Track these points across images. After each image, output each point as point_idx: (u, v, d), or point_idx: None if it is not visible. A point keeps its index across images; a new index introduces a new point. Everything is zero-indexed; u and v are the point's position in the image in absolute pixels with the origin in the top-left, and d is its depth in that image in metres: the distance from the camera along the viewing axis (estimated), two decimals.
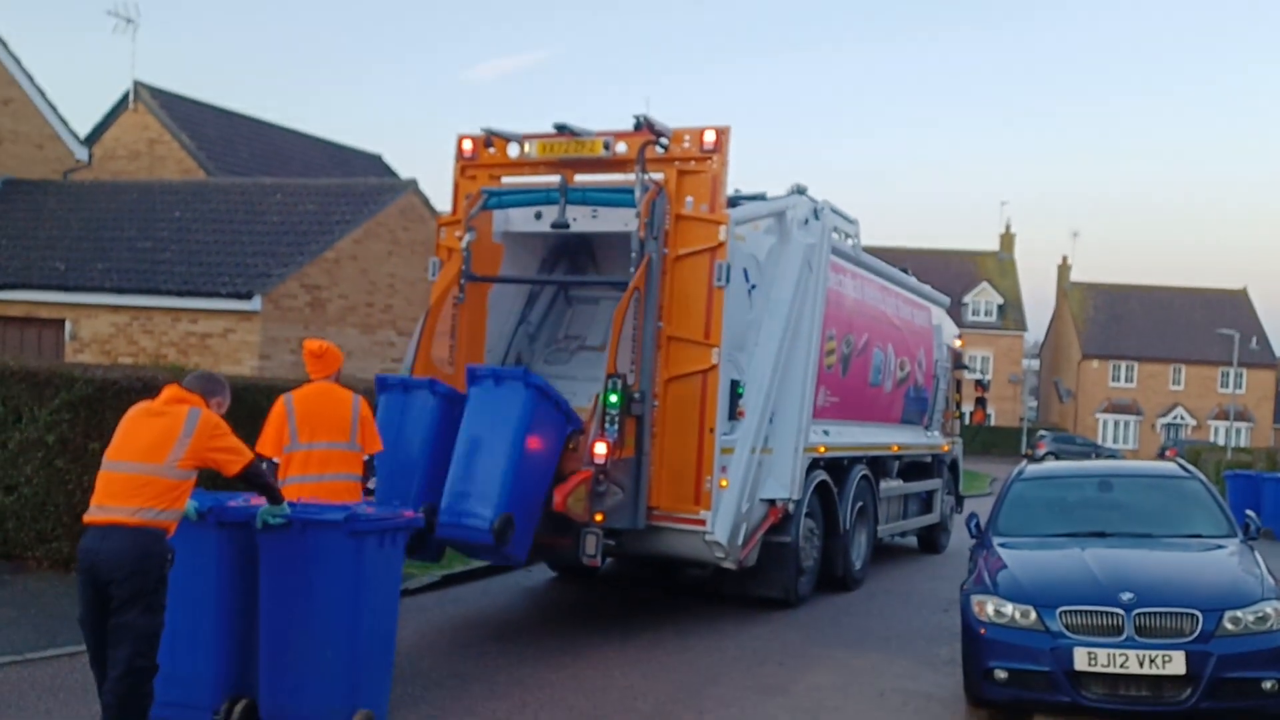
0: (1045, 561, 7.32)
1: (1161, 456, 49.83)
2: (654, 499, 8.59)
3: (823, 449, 10.48)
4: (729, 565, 8.99)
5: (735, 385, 8.99)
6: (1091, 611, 6.49)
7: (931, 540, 15.23)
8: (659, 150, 8.92)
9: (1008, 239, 67.78)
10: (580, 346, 10.06)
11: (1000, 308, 63.25)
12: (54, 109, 19.58)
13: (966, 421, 17.25)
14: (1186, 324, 63.38)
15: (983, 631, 6.77)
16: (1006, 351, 63.07)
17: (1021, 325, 64.11)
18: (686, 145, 8.89)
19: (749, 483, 9.03)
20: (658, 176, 8.80)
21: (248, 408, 10.30)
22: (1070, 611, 6.53)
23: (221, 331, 14.95)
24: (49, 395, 9.28)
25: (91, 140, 22.59)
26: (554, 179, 9.25)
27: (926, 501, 14.56)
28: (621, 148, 9.01)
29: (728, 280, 8.72)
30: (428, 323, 9.11)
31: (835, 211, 10.82)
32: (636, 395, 8.31)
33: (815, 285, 10.11)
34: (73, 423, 9.17)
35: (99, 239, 16.88)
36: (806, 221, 10.20)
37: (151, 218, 17.28)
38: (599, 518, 7.93)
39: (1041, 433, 55.06)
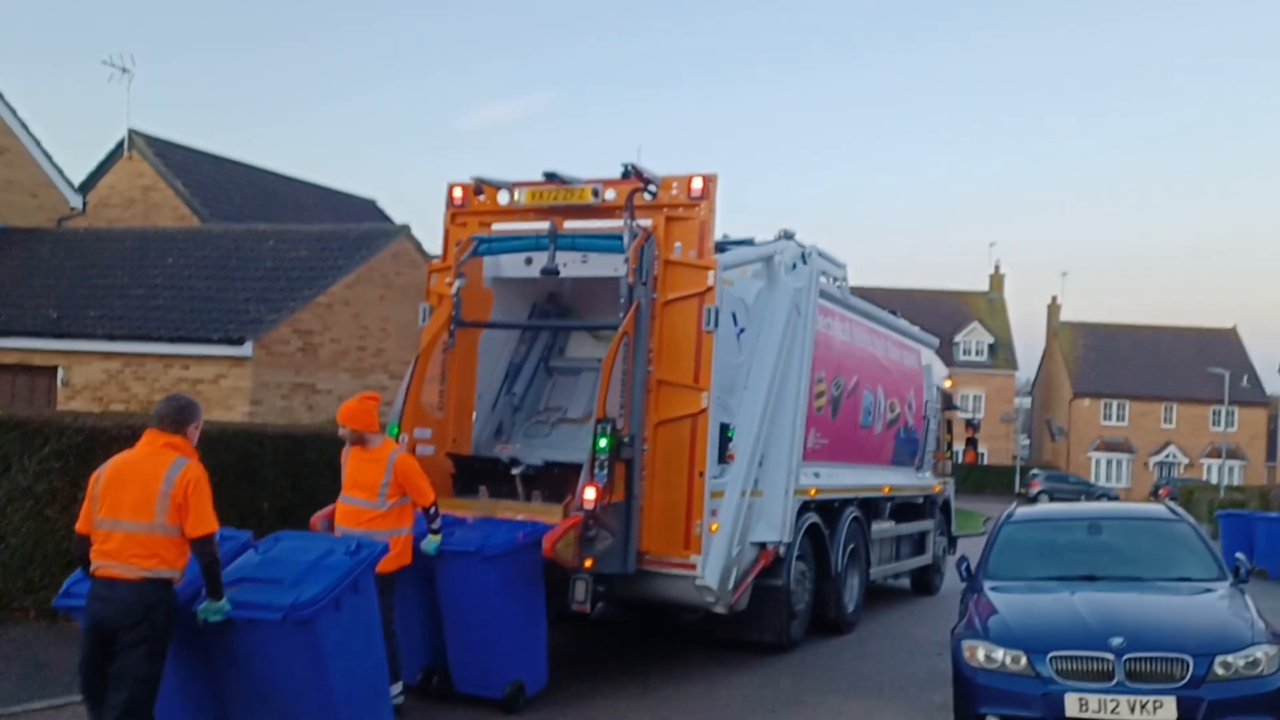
0: (1035, 606, 7.32)
1: (1155, 495, 49.83)
2: (644, 543, 8.58)
3: (813, 491, 10.49)
4: (720, 610, 8.96)
5: (725, 429, 9.01)
6: (1082, 657, 6.48)
7: (925, 581, 15.19)
8: (647, 197, 9.03)
9: (997, 279, 68.25)
10: (561, 419, 10.07)
11: (991, 347, 63.53)
12: (48, 157, 19.70)
13: (958, 461, 17.27)
14: (1177, 362, 63.66)
15: (974, 677, 6.76)
16: (998, 391, 63.24)
17: (1012, 364, 64.36)
18: (675, 192, 9.00)
19: (739, 526, 9.03)
20: (646, 223, 8.90)
21: (237, 454, 10.34)
22: (1061, 657, 6.52)
23: (213, 377, 14.96)
24: (38, 444, 9.27)
25: (86, 188, 22.71)
26: (544, 225, 9.33)
27: (919, 543, 14.54)
28: (610, 195, 9.12)
29: (716, 325, 8.78)
30: (417, 369, 9.14)
31: (823, 255, 10.92)
32: (626, 439, 8.33)
33: (804, 328, 10.18)
34: (62, 471, 9.15)
35: (92, 286, 16.93)
36: (794, 266, 10.29)
37: (145, 264, 17.34)
38: (588, 563, 7.91)
39: (1035, 471, 55.08)
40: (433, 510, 7.29)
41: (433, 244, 19.03)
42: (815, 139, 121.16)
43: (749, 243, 10.45)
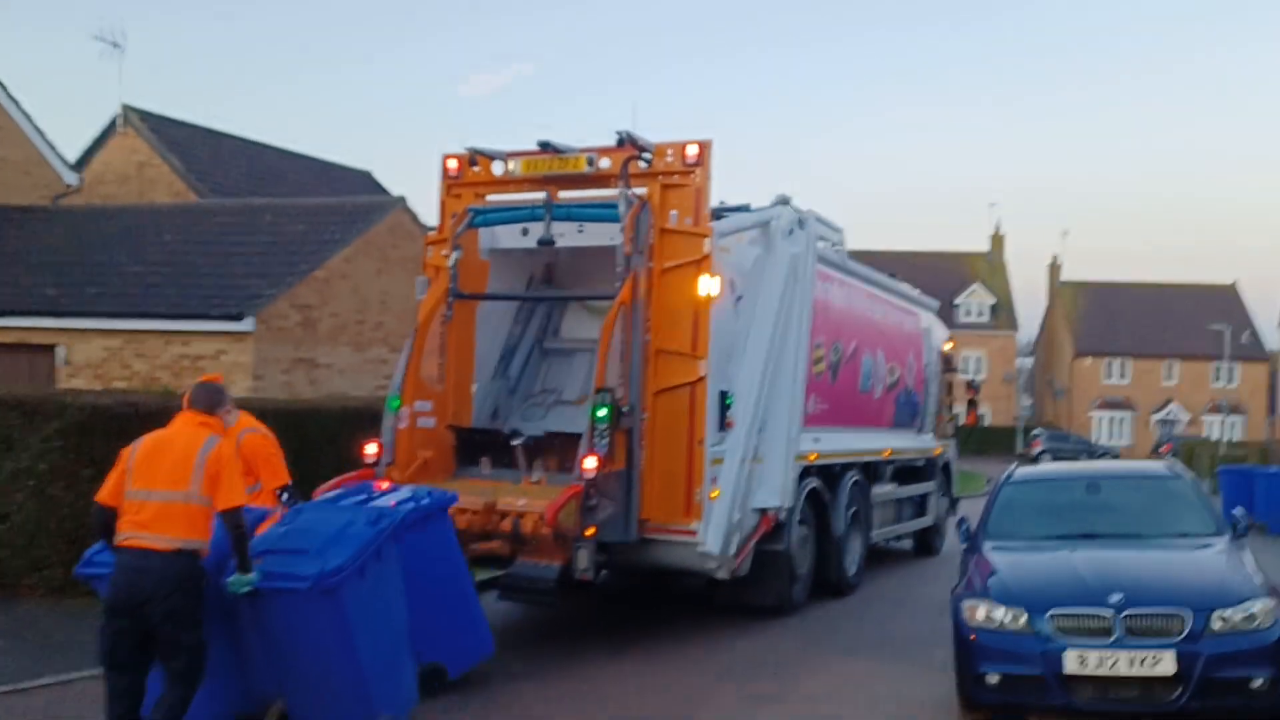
0: (1035, 565, 7.36)
1: (1156, 453, 49.92)
2: (645, 511, 8.63)
3: (814, 456, 10.53)
4: (722, 575, 9.02)
5: (724, 396, 9.04)
6: (1081, 614, 6.52)
7: (926, 543, 15.27)
8: (642, 165, 8.99)
9: (997, 240, 67.98)
10: (557, 400, 10.07)
11: (992, 308, 63.43)
12: (42, 134, 19.60)
13: (959, 423, 17.32)
14: (1178, 319, 63.57)
15: (973, 636, 6.80)
16: (1000, 351, 63.22)
17: (1014, 325, 64.28)
18: (669, 159, 8.97)
19: (740, 492, 9.08)
20: (641, 191, 8.87)
21: None
22: (1060, 615, 6.56)
23: (214, 353, 14.96)
24: (40, 423, 9.30)
25: (81, 165, 22.59)
26: (539, 196, 9.31)
27: (920, 505, 14.61)
28: (605, 163, 9.09)
29: (714, 292, 8.77)
30: (416, 342, 9.15)
31: (820, 220, 10.89)
32: (625, 409, 8.36)
33: (801, 294, 10.17)
34: (64, 450, 9.18)
35: (90, 263, 16.89)
36: (791, 231, 10.26)
37: (142, 241, 17.29)
38: (590, 532, 7.96)
39: (1036, 431, 55.16)
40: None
41: (429, 216, 18.99)
42: (811, 102, 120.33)
43: (745, 209, 10.42)
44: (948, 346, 16.42)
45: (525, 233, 9.69)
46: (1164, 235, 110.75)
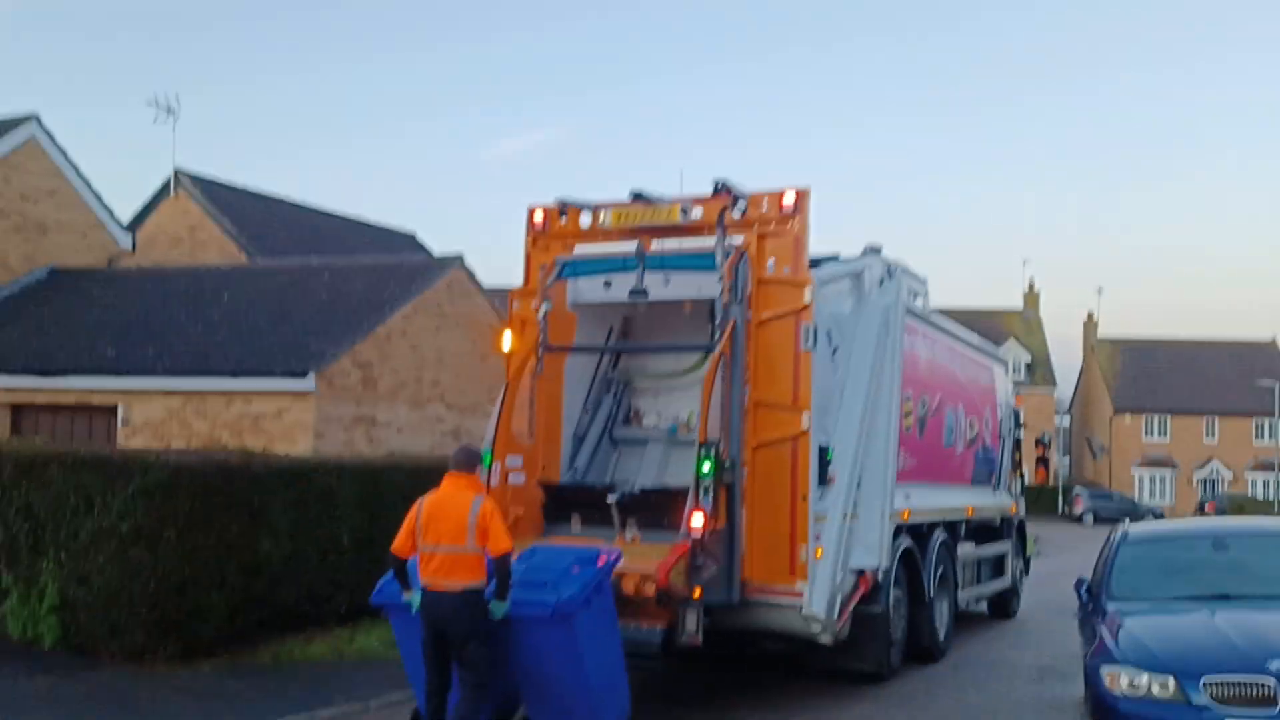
0: (1174, 627, 6.97)
1: (1201, 511, 48.88)
2: (747, 571, 8.29)
3: (906, 514, 10.18)
4: (825, 640, 8.63)
5: (824, 451, 8.73)
6: (1240, 681, 6.12)
7: (1003, 605, 14.76)
8: (736, 214, 8.80)
9: (1032, 297, 67.59)
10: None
11: (1028, 365, 62.81)
12: (98, 198, 19.75)
13: (1028, 481, 16.89)
14: (1216, 376, 62.69)
15: (1117, 705, 6.41)
16: (1037, 408, 62.28)
17: (1051, 381, 63.58)
18: (765, 209, 8.78)
19: (841, 552, 8.72)
20: (738, 240, 8.68)
21: (319, 489, 10.15)
22: (1216, 682, 6.16)
23: (276, 412, 14.78)
24: (121, 483, 9.07)
25: (133, 228, 22.74)
26: (628, 246, 9.12)
27: (998, 565, 14.15)
28: (698, 213, 8.93)
29: (814, 343, 8.52)
30: (507, 397, 8.91)
31: (906, 271, 10.67)
32: (727, 463, 8.06)
33: (893, 346, 9.90)
34: (147, 510, 8.94)
35: (148, 324, 16.85)
36: (881, 282, 10.05)
37: (200, 301, 17.25)
38: (697, 593, 7.62)
39: (1077, 489, 54.22)
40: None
41: (484, 274, 18.82)
42: (845, 160, 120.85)
43: (834, 259, 10.21)
44: (1016, 401, 16.06)
45: (608, 285, 9.47)
46: (1200, 291, 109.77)
